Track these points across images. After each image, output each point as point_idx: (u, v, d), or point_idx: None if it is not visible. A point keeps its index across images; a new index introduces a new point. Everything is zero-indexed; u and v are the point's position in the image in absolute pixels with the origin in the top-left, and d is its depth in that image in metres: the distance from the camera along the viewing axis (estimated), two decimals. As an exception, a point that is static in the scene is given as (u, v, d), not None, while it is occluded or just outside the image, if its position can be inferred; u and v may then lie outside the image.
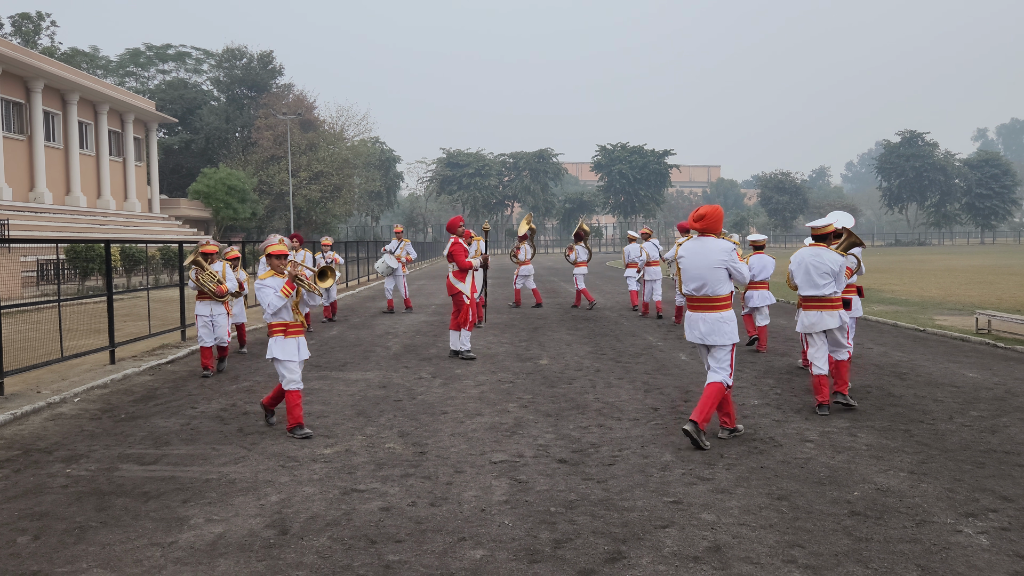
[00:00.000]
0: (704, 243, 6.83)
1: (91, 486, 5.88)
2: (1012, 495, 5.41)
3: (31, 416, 8.29)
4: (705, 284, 6.78)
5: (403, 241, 18.97)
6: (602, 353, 12.04)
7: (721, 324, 6.75)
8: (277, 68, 66.82)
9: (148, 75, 71.81)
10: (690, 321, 6.94)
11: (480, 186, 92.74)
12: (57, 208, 37.61)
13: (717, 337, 6.75)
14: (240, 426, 7.69)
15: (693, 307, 6.92)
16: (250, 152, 61.88)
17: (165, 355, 12.19)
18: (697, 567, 4.33)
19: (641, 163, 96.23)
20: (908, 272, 32.95)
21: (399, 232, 19.22)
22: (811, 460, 6.29)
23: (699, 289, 6.81)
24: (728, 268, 6.75)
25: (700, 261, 6.79)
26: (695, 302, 6.89)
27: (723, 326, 6.75)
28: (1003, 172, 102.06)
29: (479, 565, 4.40)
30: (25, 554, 4.63)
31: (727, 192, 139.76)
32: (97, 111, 43.59)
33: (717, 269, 6.73)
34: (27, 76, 36.32)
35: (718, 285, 6.75)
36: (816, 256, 7.86)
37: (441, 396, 9.01)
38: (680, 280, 7.43)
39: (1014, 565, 4.31)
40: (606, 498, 5.46)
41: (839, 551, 4.52)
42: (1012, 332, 12.93)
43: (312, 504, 5.41)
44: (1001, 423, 7.40)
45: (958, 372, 10.05)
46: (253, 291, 9.86)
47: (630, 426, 7.47)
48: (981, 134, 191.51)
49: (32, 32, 56.32)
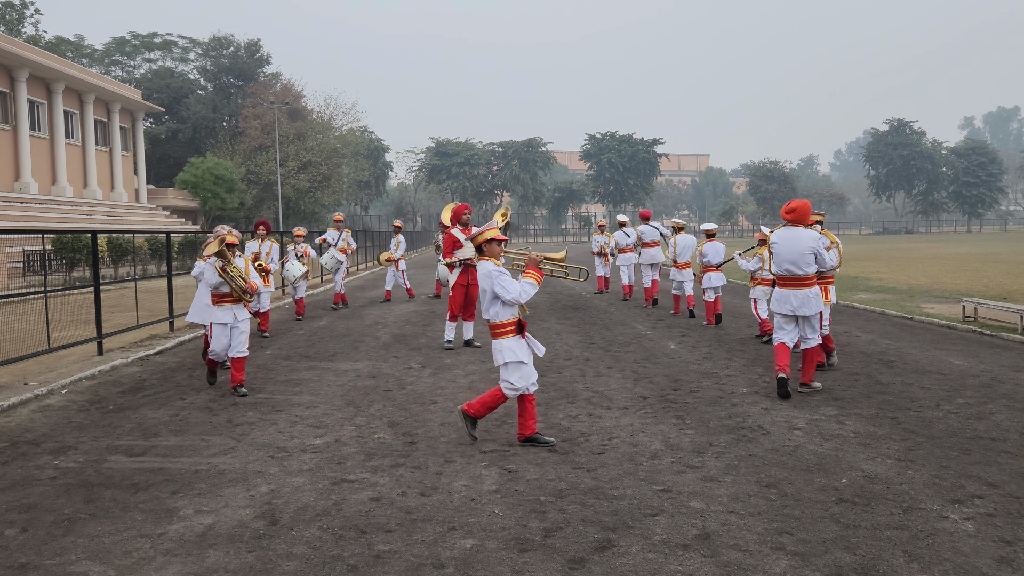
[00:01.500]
0: (795, 232, 8.11)
1: (79, 478, 5.86)
2: (998, 481, 5.46)
3: (18, 408, 8.25)
4: (796, 266, 8.05)
5: (342, 232, 17.94)
6: (592, 342, 12.06)
7: (811, 298, 8.05)
8: (264, 57, 66.33)
9: (134, 64, 71.13)
10: (782, 296, 8.18)
11: (469, 175, 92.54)
12: (43, 198, 37.30)
13: (807, 309, 8.04)
14: (229, 417, 7.67)
15: (785, 285, 8.17)
16: (238, 141, 61.47)
17: (153, 346, 12.13)
18: (686, 555, 4.36)
19: (630, 152, 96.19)
20: (895, 260, 33.12)
21: (339, 221, 18.24)
22: (799, 448, 6.33)
23: (790, 270, 8.08)
24: (816, 253, 8.03)
25: (792, 247, 8.06)
26: (787, 281, 8.15)
27: (812, 300, 8.05)
28: (990, 160, 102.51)
29: (469, 554, 4.41)
30: (13, 546, 4.61)
31: (716, 181, 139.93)
32: (83, 100, 43.17)
33: (806, 254, 8.01)
34: (11, 65, 35.93)
35: (808, 267, 8.03)
36: None
37: (431, 386, 9.00)
38: (770, 262, 8.44)
39: (1000, 551, 4.36)
40: (596, 487, 5.48)
41: (827, 538, 4.55)
42: (998, 320, 13.02)
43: (302, 495, 5.41)
44: (987, 410, 7.46)
45: (945, 360, 10.12)
46: None
47: (619, 415, 7.49)
48: (968, 122, 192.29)
49: (16, 20, 55.64)
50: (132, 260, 27.01)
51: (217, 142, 61.74)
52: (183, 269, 25.57)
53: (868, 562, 4.23)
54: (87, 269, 24.73)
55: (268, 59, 66.57)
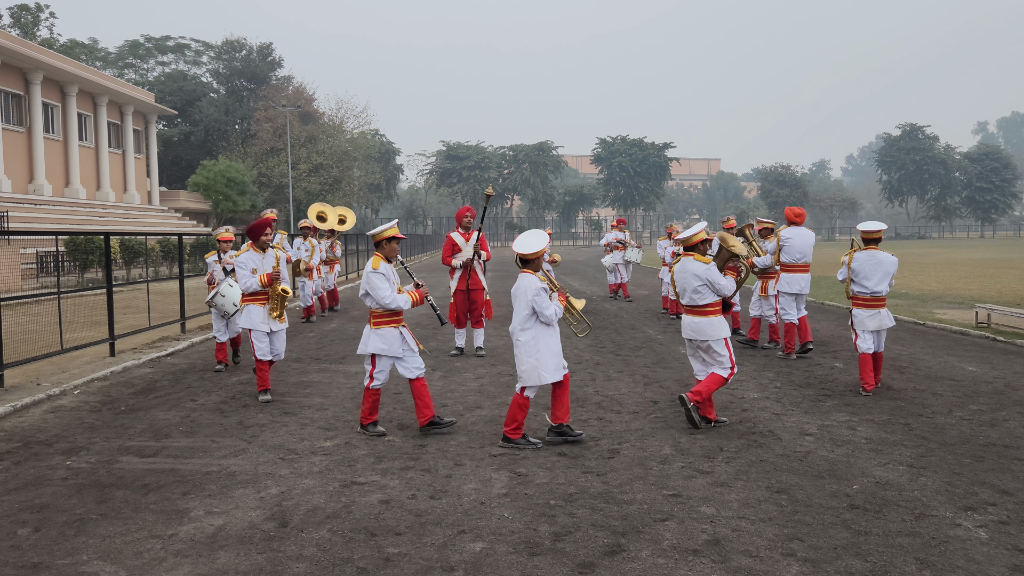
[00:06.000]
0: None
1: (91, 478, 5.89)
2: (1011, 489, 5.42)
3: (31, 408, 8.30)
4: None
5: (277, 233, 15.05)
6: (602, 346, 12.04)
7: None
8: (276, 60, 66.70)
9: (147, 67, 71.61)
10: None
11: (480, 179, 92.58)
12: (56, 200, 37.57)
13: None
14: (240, 419, 7.70)
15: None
16: (249, 144, 61.79)
17: (165, 347, 12.19)
18: (696, 560, 4.34)
19: (641, 156, 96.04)
20: (908, 265, 32.93)
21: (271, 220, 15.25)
22: (810, 453, 6.30)
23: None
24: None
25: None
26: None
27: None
28: (1003, 166, 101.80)
29: (479, 558, 4.40)
30: (26, 546, 4.63)
31: (727, 185, 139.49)
32: (96, 103, 43.49)
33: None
34: (26, 68, 36.23)
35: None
36: None
37: (441, 389, 9.01)
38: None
39: (1013, 558, 4.32)
40: (605, 491, 5.46)
41: (838, 544, 4.53)
42: (1012, 326, 12.93)
43: (312, 497, 5.42)
44: (1000, 417, 7.41)
45: (957, 366, 10.06)
46: None
47: (630, 419, 7.48)
48: (981, 127, 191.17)
49: (31, 24, 56.11)
50: (144, 262, 27.17)
51: (229, 145, 62.07)
52: (195, 271, 25.70)
53: (880, 569, 4.21)
54: (100, 271, 24.88)
55: (280, 62, 66.96)
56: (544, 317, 6.49)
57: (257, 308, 8.58)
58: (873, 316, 8.50)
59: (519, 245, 6.64)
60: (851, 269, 8.60)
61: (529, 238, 6.72)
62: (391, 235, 7.03)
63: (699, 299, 7.17)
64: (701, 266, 7.13)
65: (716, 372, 7.17)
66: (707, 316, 7.18)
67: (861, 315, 8.54)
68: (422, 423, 7.02)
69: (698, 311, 7.22)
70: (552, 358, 6.52)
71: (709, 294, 7.14)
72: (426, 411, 7.01)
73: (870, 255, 8.52)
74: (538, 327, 6.55)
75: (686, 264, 7.24)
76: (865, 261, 8.52)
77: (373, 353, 6.98)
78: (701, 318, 7.20)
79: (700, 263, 7.14)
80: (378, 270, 6.86)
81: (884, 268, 8.46)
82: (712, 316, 7.18)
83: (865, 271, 8.51)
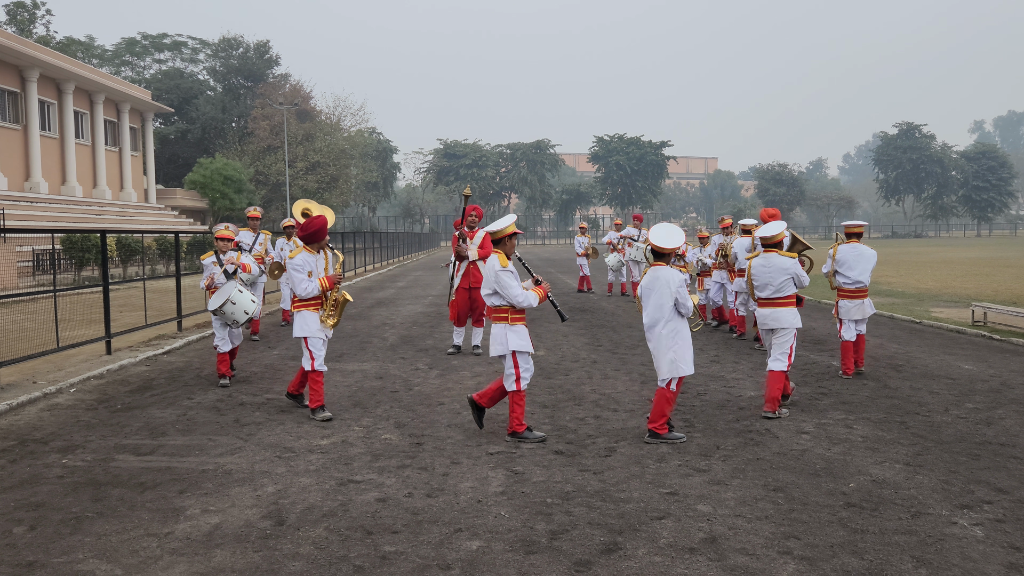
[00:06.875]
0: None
1: (87, 477, 5.87)
2: (1007, 487, 5.43)
3: (27, 406, 8.28)
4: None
5: (259, 234, 13.48)
6: (599, 344, 12.05)
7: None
8: (274, 58, 66.52)
9: (144, 64, 71.40)
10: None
11: (477, 177, 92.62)
12: (53, 198, 37.47)
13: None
14: (236, 417, 7.69)
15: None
16: (246, 142, 61.65)
17: (161, 346, 12.17)
18: (693, 558, 4.34)
19: (638, 154, 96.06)
20: (904, 264, 32.98)
21: (255, 219, 13.45)
22: (807, 452, 6.31)
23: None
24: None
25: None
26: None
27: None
28: (1000, 164, 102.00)
29: (475, 556, 4.40)
30: (21, 544, 4.62)
31: (724, 184, 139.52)
32: (93, 100, 43.37)
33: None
34: (22, 65, 36.12)
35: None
36: None
37: (438, 387, 9.01)
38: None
39: (1009, 557, 4.33)
40: (602, 489, 5.46)
41: (834, 542, 4.53)
42: (1008, 324, 12.95)
43: (308, 495, 5.41)
44: (996, 415, 7.42)
45: (954, 364, 10.07)
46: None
47: (626, 417, 7.48)
48: (978, 126, 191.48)
49: (27, 21, 55.92)
50: (141, 260, 27.13)
51: (226, 143, 61.93)
52: (191, 269, 25.65)
53: (876, 567, 4.21)
54: (96, 268, 24.83)
55: (277, 60, 66.78)
56: (685, 309, 6.62)
57: (311, 314, 7.68)
58: (858, 306, 9.23)
59: (657, 238, 6.69)
60: (836, 260, 9.34)
61: (666, 231, 6.75)
62: (513, 231, 6.81)
63: (784, 291, 7.65)
64: (789, 261, 7.66)
65: (773, 369, 7.49)
66: (786, 307, 7.64)
67: (847, 305, 9.28)
68: None
69: (778, 303, 7.67)
70: (690, 350, 6.70)
71: (791, 286, 7.64)
72: None
73: (853, 247, 9.34)
74: (677, 320, 6.66)
75: (771, 259, 7.68)
76: (848, 253, 9.31)
77: (515, 351, 6.67)
78: (781, 309, 7.64)
79: (787, 258, 7.65)
80: (507, 268, 6.64)
81: (865, 259, 9.24)
82: (792, 307, 7.66)
83: (849, 262, 9.29)
